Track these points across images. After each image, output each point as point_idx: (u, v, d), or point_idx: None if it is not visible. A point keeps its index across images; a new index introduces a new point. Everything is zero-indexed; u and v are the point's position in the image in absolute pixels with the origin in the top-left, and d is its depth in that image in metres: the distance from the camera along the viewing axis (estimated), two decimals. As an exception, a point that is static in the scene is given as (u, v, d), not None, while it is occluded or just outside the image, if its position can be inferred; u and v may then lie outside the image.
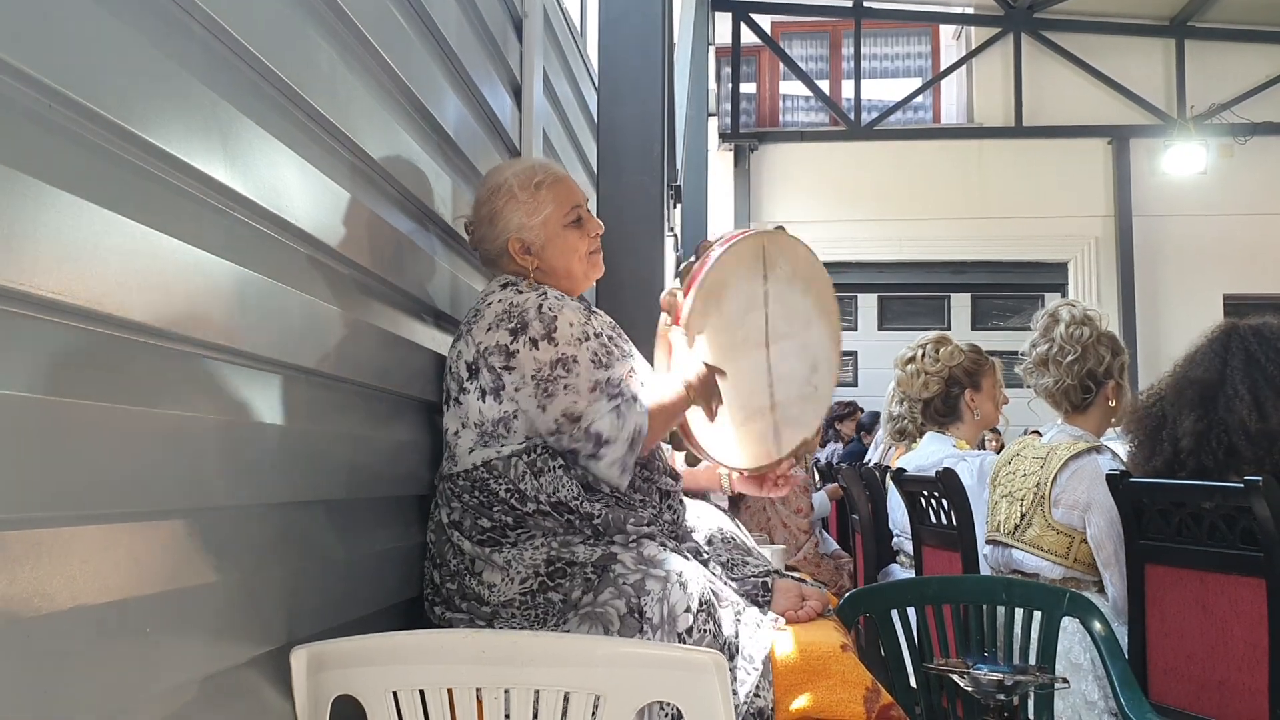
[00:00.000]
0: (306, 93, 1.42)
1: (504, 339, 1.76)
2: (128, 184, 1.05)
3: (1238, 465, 2.12)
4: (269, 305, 1.32)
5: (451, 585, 1.74)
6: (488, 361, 1.76)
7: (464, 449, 1.77)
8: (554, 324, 1.76)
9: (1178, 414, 2.23)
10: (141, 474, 1.06)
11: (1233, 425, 2.14)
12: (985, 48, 9.64)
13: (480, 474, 1.74)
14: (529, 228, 1.89)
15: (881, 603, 2.19)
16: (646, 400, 1.78)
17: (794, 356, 2.03)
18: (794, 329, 2.02)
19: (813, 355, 2.07)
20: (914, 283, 10.02)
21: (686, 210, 5.69)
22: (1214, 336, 2.28)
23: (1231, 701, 2.00)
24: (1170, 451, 2.22)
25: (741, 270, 1.93)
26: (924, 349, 3.44)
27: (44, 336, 0.94)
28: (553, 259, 1.91)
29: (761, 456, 2.02)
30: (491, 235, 1.92)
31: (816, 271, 2.07)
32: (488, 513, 1.72)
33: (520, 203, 1.90)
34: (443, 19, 2.05)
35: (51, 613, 0.92)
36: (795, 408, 2.05)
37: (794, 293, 2.02)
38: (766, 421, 2.01)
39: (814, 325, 2.07)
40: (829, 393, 2.14)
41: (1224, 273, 9.25)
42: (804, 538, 4.10)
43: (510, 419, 1.76)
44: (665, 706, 1.54)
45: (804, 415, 2.08)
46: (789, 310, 2.01)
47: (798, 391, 2.05)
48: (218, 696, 1.19)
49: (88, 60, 0.99)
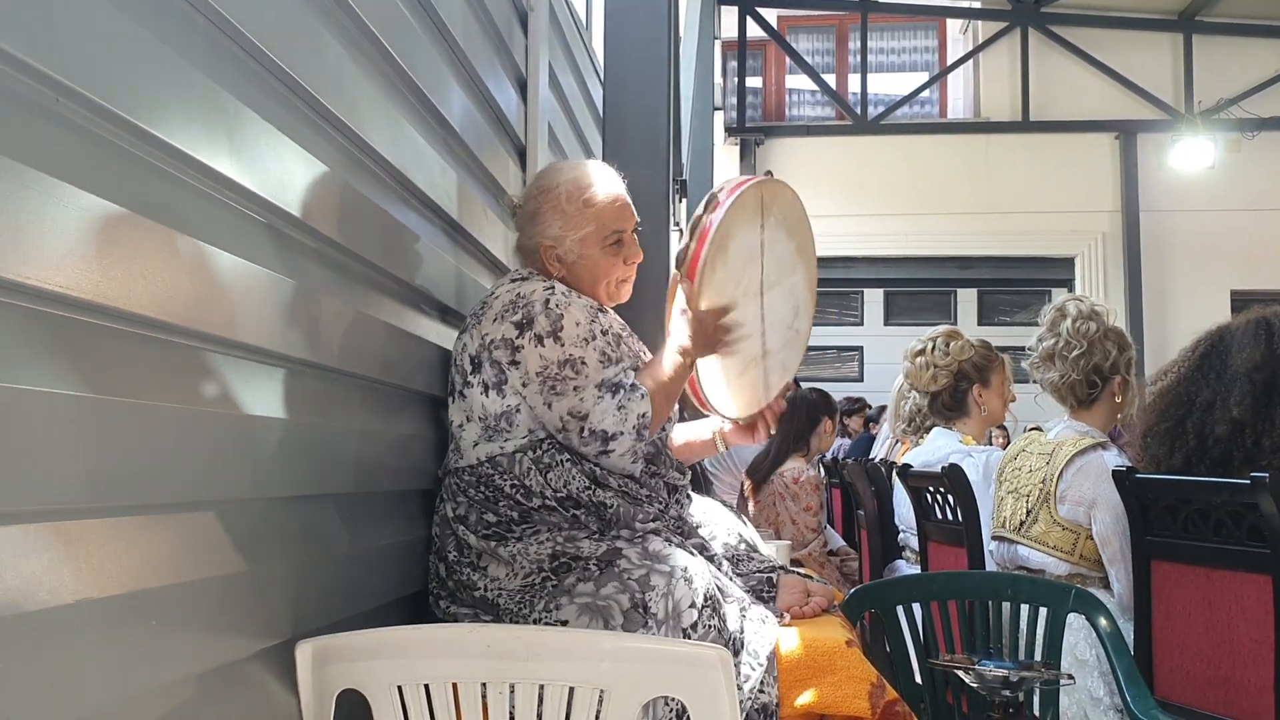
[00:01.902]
0: (312, 87, 1.42)
1: (509, 332, 1.76)
2: (134, 178, 1.05)
3: (1258, 459, 2.10)
4: (274, 299, 1.32)
5: (455, 579, 1.74)
6: (491, 355, 1.76)
7: (469, 442, 1.78)
8: (560, 322, 1.76)
9: (1213, 400, 2.18)
10: (147, 468, 1.06)
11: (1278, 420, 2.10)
12: (992, 42, 9.61)
13: (485, 470, 1.74)
14: (564, 240, 1.89)
15: (887, 599, 2.19)
16: (647, 382, 1.78)
17: (781, 303, 2.02)
18: (782, 276, 2.01)
19: (795, 299, 2.06)
20: (920, 278, 10.02)
21: (692, 204, 5.67)
22: (1250, 326, 2.22)
23: (1237, 698, 1.99)
24: (1195, 442, 2.19)
25: (744, 221, 1.90)
26: (934, 342, 3.42)
27: (50, 330, 0.94)
28: (579, 275, 1.91)
29: (754, 404, 2.02)
30: (529, 232, 1.94)
31: (799, 215, 2.05)
32: (493, 508, 1.73)
33: (563, 213, 1.89)
34: (448, 12, 2.05)
35: (57, 605, 0.92)
36: (781, 353, 2.05)
37: (781, 239, 2.00)
38: (759, 369, 2.00)
39: (798, 269, 2.05)
40: (807, 334, 2.14)
41: (1231, 268, 9.23)
42: (812, 535, 4.10)
43: (513, 413, 1.76)
44: (670, 702, 1.54)
45: (788, 359, 2.08)
46: (778, 257, 1.99)
47: (783, 337, 2.04)
48: (223, 690, 1.20)
49: (94, 54, 0.99)
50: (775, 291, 2.00)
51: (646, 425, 1.74)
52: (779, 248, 2.00)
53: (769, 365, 2.01)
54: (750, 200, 1.90)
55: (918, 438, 3.60)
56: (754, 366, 2.00)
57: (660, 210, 2.84)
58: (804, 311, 2.10)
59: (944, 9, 10.15)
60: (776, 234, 1.98)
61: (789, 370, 2.09)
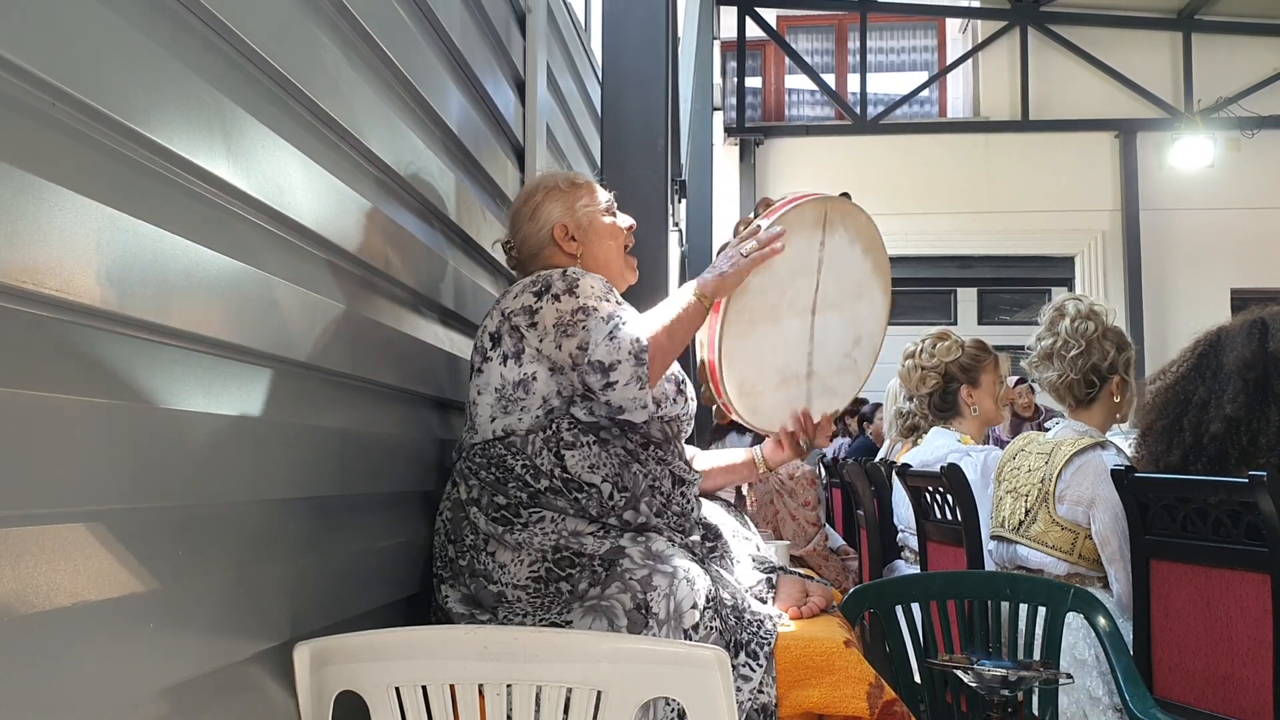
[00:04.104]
0: (309, 89, 1.42)
1: (528, 300, 1.79)
2: (130, 181, 1.06)
3: (1254, 457, 2.11)
4: (270, 301, 1.33)
5: (464, 561, 1.74)
6: (510, 323, 1.79)
7: (484, 417, 1.79)
8: (576, 283, 1.79)
9: (1208, 398, 2.19)
10: (145, 470, 1.06)
11: (1273, 419, 2.11)
12: (991, 41, 9.61)
13: (498, 449, 1.75)
14: (572, 212, 1.97)
15: (886, 598, 2.19)
16: (648, 317, 1.80)
17: (839, 327, 2.03)
18: (843, 299, 2.02)
19: (858, 328, 2.07)
20: (920, 277, 10.01)
21: (691, 205, 5.69)
22: (1245, 326, 2.23)
23: (1236, 697, 1.99)
24: (1191, 439, 2.20)
25: (800, 233, 1.92)
26: (924, 344, 3.45)
27: (46, 334, 0.94)
28: (595, 244, 1.97)
29: (790, 423, 2.03)
30: (534, 229, 1.97)
31: (874, 243, 2.05)
32: (503, 489, 1.73)
33: (562, 193, 1.99)
34: (446, 13, 2.05)
35: (54, 609, 0.92)
36: (832, 378, 2.05)
37: (849, 263, 2.01)
38: (800, 389, 2.02)
39: (865, 298, 2.06)
40: (869, 367, 2.13)
41: (1231, 266, 9.23)
42: (813, 530, 4.09)
43: (530, 381, 1.77)
44: (669, 702, 1.54)
45: (840, 386, 2.08)
46: (841, 280, 2.00)
47: (837, 363, 2.05)
48: (221, 692, 1.20)
49: (89, 58, 0.99)
50: (832, 314, 2.01)
51: (644, 350, 1.72)
52: (845, 271, 2.01)
53: (813, 388, 2.02)
54: (811, 214, 1.93)
55: (914, 438, 3.61)
56: (795, 384, 2.00)
57: (659, 211, 2.84)
58: (867, 343, 2.09)
59: (943, 8, 10.15)
60: (843, 257, 1.99)
61: (838, 398, 2.09)
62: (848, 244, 2.00)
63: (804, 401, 2.03)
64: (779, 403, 2.01)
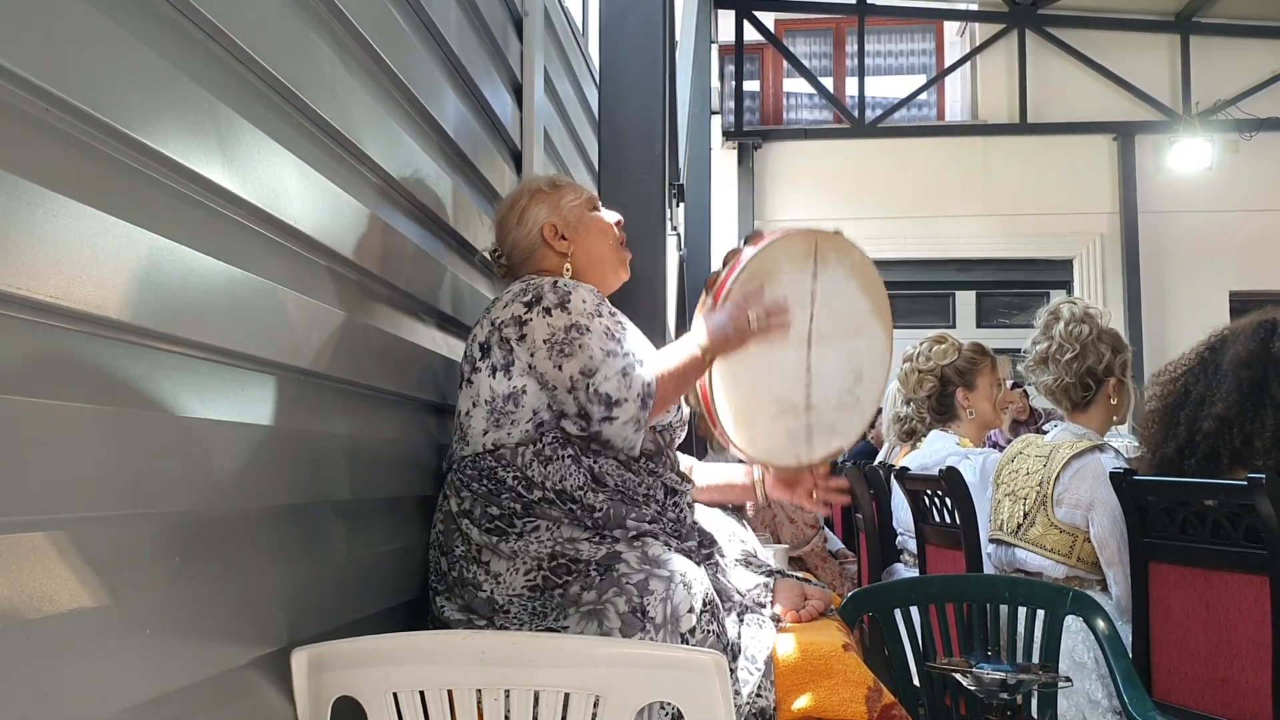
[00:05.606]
0: (305, 94, 1.42)
1: (518, 311, 1.79)
2: (125, 187, 1.06)
3: (1249, 459, 2.11)
4: (267, 307, 1.33)
5: (455, 573, 1.74)
6: (500, 334, 1.79)
7: (476, 430, 1.79)
8: (568, 297, 1.79)
9: (1205, 394, 2.19)
10: (142, 476, 1.06)
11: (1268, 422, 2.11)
12: (990, 44, 9.61)
13: (489, 462, 1.75)
14: (559, 211, 1.98)
15: (885, 602, 2.19)
16: (657, 361, 1.80)
17: (836, 362, 2.01)
18: (840, 334, 2.00)
19: (858, 364, 2.04)
20: (919, 280, 10.00)
21: (689, 209, 5.68)
22: (1253, 325, 2.23)
23: (1235, 699, 1.99)
24: (1186, 434, 2.20)
25: (790, 265, 1.92)
26: (920, 348, 3.46)
27: (42, 340, 0.94)
28: (586, 241, 1.99)
29: (788, 457, 2.01)
30: (523, 233, 1.99)
31: (872, 282, 2.04)
32: (496, 500, 1.73)
33: (546, 195, 2.00)
34: (442, 18, 2.05)
35: (52, 614, 0.92)
36: (832, 414, 2.01)
37: (844, 298, 2.00)
38: (799, 421, 1.99)
39: (863, 334, 2.04)
40: (873, 405, 2.10)
41: (1230, 269, 9.22)
42: (811, 532, 4.09)
43: (519, 394, 1.77)
44: (666, 707, 1.53)
45: (841, 424, 2.04)
46: (836, 314, 1.99)
47: (837, 399, 2.01)
48: (218, 698, 1.19)
49: (84, 64, 0.99)
50: (827, 347, 1.99)
51: (651, 396, 1.73)
52: (840, 306, 2.00)
53: (813, 421, 2.00)
54: (800, 246, 1.93)
55: (912, 442, 3.61)
56: (792, 415, 1.98)
57: (656, 215, 2.84)
58: (869, 380, 2.06)
59: (941, 11, 10.15)
60: (837, 291, 1.99)
61: (843, 436, 2.05)
62: (842, 279, 2.00)
63: (804, 434, 2.00)
64: (773, 432, 1.99)
